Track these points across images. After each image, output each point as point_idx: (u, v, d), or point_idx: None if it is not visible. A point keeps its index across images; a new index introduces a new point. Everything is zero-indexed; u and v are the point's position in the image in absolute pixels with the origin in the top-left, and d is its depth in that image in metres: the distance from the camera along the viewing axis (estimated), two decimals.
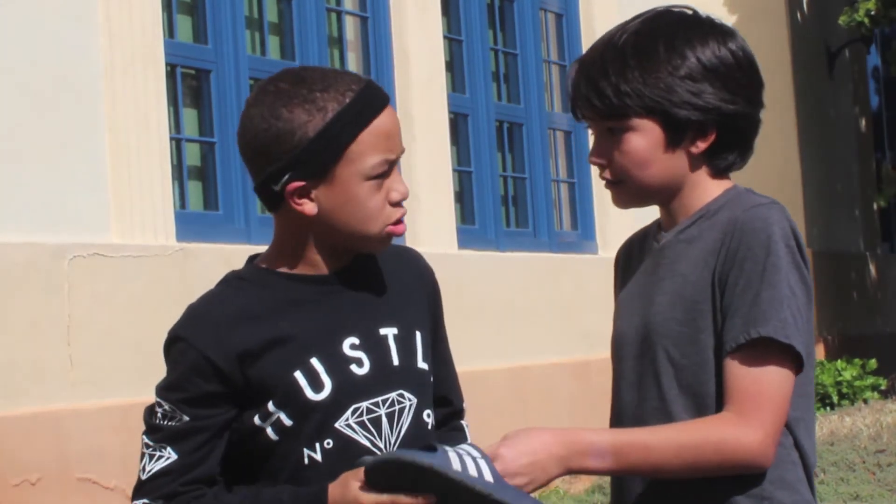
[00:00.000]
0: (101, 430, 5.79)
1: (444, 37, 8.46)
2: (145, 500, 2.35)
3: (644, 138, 2.48)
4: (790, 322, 2.38)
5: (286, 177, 2.32)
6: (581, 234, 9.55)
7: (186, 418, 2.35)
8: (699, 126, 2.47)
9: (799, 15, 11.93)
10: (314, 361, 2.35)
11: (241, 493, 2.35)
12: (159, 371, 2.44)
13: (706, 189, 2.52)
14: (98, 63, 6.12)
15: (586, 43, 9.70)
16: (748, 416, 2.37)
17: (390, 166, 2.37)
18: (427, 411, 2.43)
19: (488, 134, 8.77)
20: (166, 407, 2.36)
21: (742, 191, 2.53)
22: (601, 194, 9.63)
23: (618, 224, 9.55)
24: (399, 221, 2.39)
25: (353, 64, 7.98)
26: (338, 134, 2.31)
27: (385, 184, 2.36)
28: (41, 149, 5.85)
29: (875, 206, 13.57)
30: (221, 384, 2.34)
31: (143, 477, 2.36)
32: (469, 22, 8.77)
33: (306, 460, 2.35)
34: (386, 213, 2.37)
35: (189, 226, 6.54)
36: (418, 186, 7.93)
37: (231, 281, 2.43)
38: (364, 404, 2.37)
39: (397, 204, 2.38)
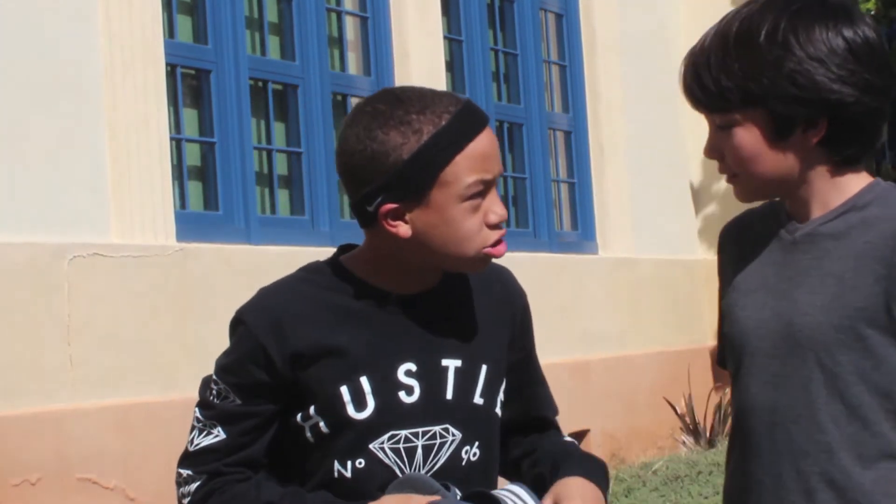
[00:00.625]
0: (102, 430, 5.78)
1: (444, 37, 8.46)
2: (189, 472, 2.37)
3: (750, 133, 2.39)
4: None
5: (380, 198, 2.31)
6: (581, 235, 9.54)
7: (238, 402, 2.35)
8: (807, 119, 2.36)
9: None
10: (363, 380, 2.35)
11: (284, 489, 2.35)
12: (159, 371, 2.45)
13: (843, 181, 2.42)
14: (98, 63, 6.11)
15: (586, 43, 9.70)
16: None
17: (486, 187, 2.33)
18: (467, 448, 2.40)
19: None
20: (221, 386, 2.37)
21: (890, 186, 2.44)
22: (601, 194, 9.62)
23: (618, 224, 9.55)
24: (498, 242, 2.36)
25: (353, 64, 7.98)
26: (433, 157, 2.29)
27: (482, 205, 2.33)
28: (41, 149, 5.84)
29: None
30: (272, 377, 2.34)
31: (191, 449, 2.39)
32: (469, 22, 8.76)
33: (336, 473, 2.35)
34: (483, 234, 2.34)
35: (189, 226, 6.54)
36: None
37: (311, 273, 2.43)
38: (403, 432, 2.36)
39: (495, 226, 2.35)
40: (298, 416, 2.36)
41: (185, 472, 2.39)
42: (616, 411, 8.99)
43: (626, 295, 9.29)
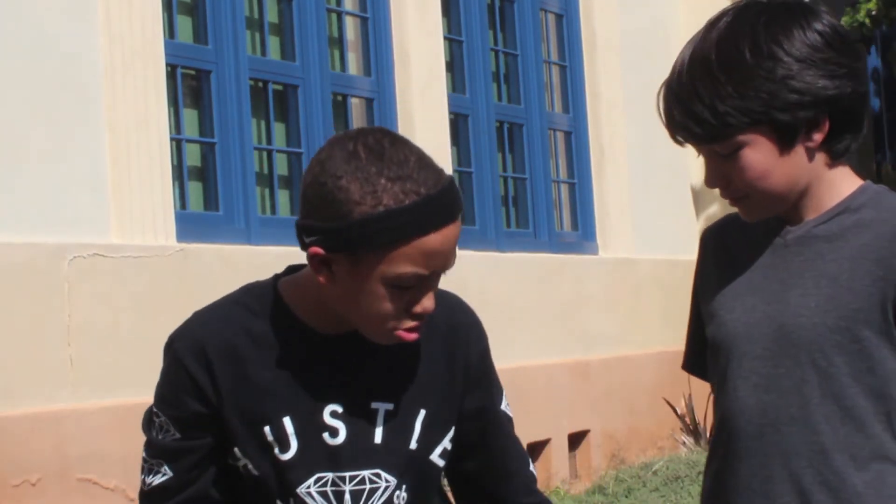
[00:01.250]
0: (102, 430, 5.78)
1: (445, 37, 8.46)
2: None
3: (758, 151, 2.35)
4: None
5: (314, 238, 2.19)
6: (581, 235, 9.54)
7: (178, 435, 2.32)
8: (811, 120, 2.35)
9: None
10: (286, 420, 2.28)
11: None
12: (159, 371, 2.44)
13: (837, 182, 2.42)
14: (98, 63, 6.11)
15: (586, 43, 9.70)
16: None
17: (421, 280, 2.20)
18: (398, 492, 2.31)
19: (488, 134, 8.76)
20: (162, 419, 2.35)
21: (881, 189, 2.44)
22: (601, 195, 9.62)
23: (618, 225, 9.55)
24: (413, 330, 2.24)
25: (354, 64, 7.98)
26: (378, 233, 2.15)
27: (409, 293, 2.20)
28: (41, 149, 5.84)
29: None
30: (207, 406, 2.30)
31: (145, 489, 2.38)
32: (469, 22, 8.76)
33: None
34: (399, 319, 2.22)
35: (189, 226, 6.54)
36: None
37: (247, 297, 2.35)
38: (330, 475, 2.29)
39: (418, 315, 2.23)
40: (228, 458, 2.33)
41: None
42: (616, 411, 8.99)
43: (626, 295, 9.29)
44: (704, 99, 2.32)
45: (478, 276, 7.97)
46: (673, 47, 9.93)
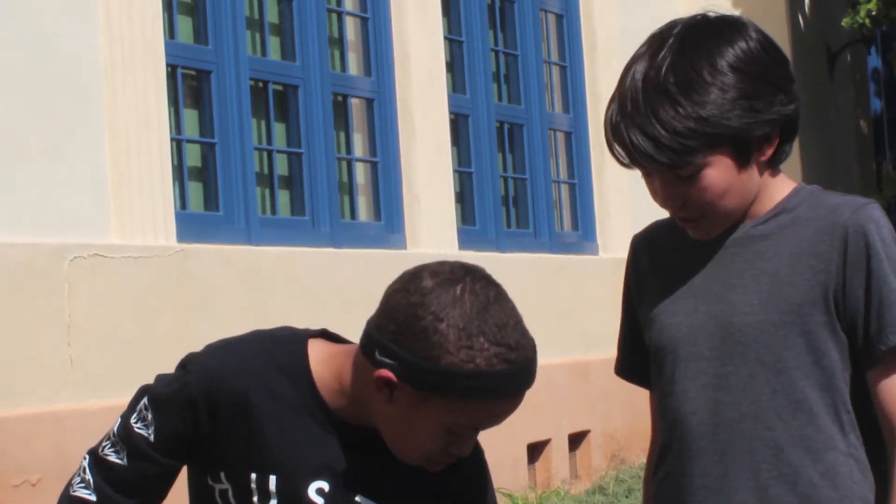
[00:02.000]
0: (102, 430, 5.74)
1: (445, 37, 8.46)
2: (89, 474, 2.49)
3: (718, 170, 2.36)
4: None
5: (390, 362, 2.20)
6: (582, 235, 9.54)
7: (151, 438, 2.34)
8: (765, 135, 2.38)
9: (799, 16, 11.93)
10: (272, 478, 2.30)
11: None
12: (159, 371, 2.44)
13: (774, 187, 2.45)
14: (98, 63, 6.11)
15: (587, 43, 9.70)
16: None
17: (473, 431, 2.26)
18: None
19: (489, 134, 8.76)
20: (148, 415, 2.35)
21: (815, 189, 2.47)
22: (602, 195, 9.62)
23: (618, 225, 9.55)
24: (443, 466, 2.29)
25: (354, 64, 7.98)
26: (459, 386, 2.18)
27: (456, 436, 2.25)
28: (41, 149, 5.84)
29: None
30: (193, 433, 2.32)
31: (99, 452, 2.44)
32: (469, 22, 8.76)
33: None
34: (436, 454, 2.27)
35: (189, 226, 6.54)
36: (418, 187, 7.93)
37: (277, 348, 2.34)
38: None
39: (452, 457, 2.27)
40: (209, 478, 2.34)
41: (85, 465, 2.48)
42: (616, 411, 8.98)
43: None
44: (668, 125, 2.31)
45: None
46: None
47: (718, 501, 2.42)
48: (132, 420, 2.37)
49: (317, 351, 2.34)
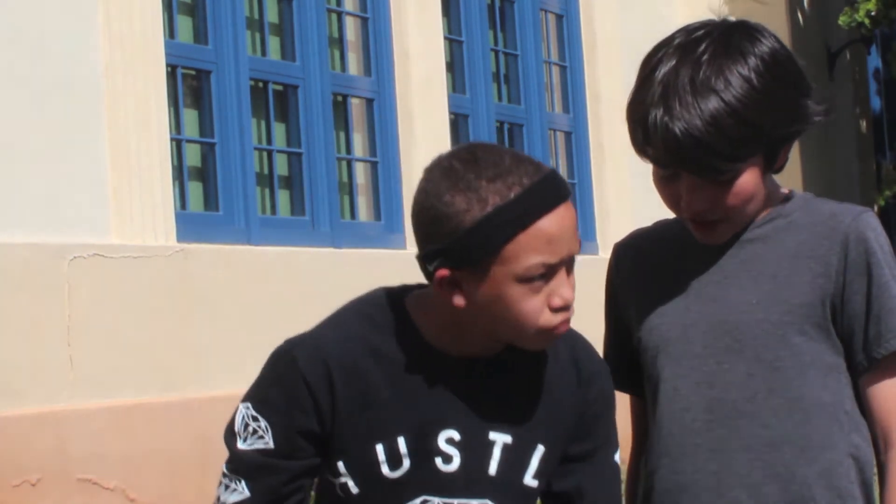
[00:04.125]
0: (102, 430, 5.78)
1: (445, 37, 8.46)
2: None
3: (751, 175, 2.36)
4: None
5: (437, 261, 2.16)
6: (581, 235, 9.50)
7: (271, 446, 2.24)
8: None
9: (799, 15, 11.93)
10: (400, 440, 2.23)
11: None
12: (159, 372, 2.44)
13: (770, 193, 2.45)
14: (98, 63, 6.11)
15: (587, 43, 9.70)
16: None
17: (551, 269, 2.19)
18: None
19: (489, 135, 8.76)
20: (261, 423, 2.25)
21: (808, 196, 2.48)
22: (601, 195, 9.62)
23: (618, 225, 9.55)
24: (563, 324, 2.23)
25: (354, 64, 7.98)
26: (493, 231, 2.14)
27: (547, 286, 2.20)
28: (41, 149, 5.84)
29: (875, 207, 13.57)
30: (318, 424, 2.24)
31: None
32: (469, 22, 8.76)
33: None
34: (544, 316, 2.21)
35: (189, 226, 6.54)
36: None
37: (371, 310, 2.30)
38: (436, 500, 2.23)
39: (560, 309, 2.22)
40: (328, 474, 2.26)
41: None
42: (616, 411, 8.97)
43: None
44: (721, 130, 2.29)
45: None
46: None
47: (711, 498, 2.42)
48: (237, 446, 2.26)
49: (414, 301, 2.29)
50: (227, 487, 2.27)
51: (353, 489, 2.25)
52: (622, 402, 2.51)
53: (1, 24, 5.75)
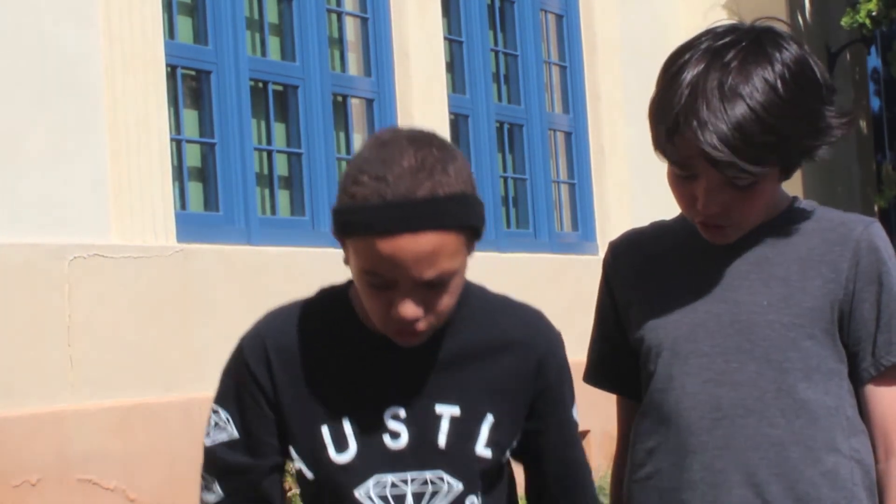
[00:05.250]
0: (102, 430, 5.78)
1: (445, 37, 8.46)
2: None
3: (769, 181, 2.39)
4: None
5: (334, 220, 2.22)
6: (581, 236, 9.54)
7: (236, 435, 2.29)
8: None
9: (799, 15, 11.93)
10: (345, 422, 2.25)
11: None
12: (160, 372, 2.45)
13: (778, 196, 2.48)
14: (98, 63, 6.11)
15: (587, 44, 9.69)
16: None
17: (387, 283, 2.16)
18: (472, 498, 2.27)
19: (488, 135, 8.76)
20: (221, 415, 2.31)
21: (813, 203, 2.51)
22: (601, 195, 9.62)
23: (618, 225, 9.54)
24: (404, 332, 2.20)
25: (354, 64, 7.98)
26: (340, 223, 2.18)
27: (391, 294, 2.17)
28: (41, 149, 5.84)
29: (875, 208, 13.56)
30: (267, 404, 2.28)
31: None
32: (469, 23, 8.76)
33: None
34: (384, 320, 2.20)
35: (189, 226, 6.54)
36: None
37: (318, 299, 2.33)
38: (389, 477, 2.25)
39: (397, 321, 2.18)
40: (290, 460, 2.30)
41: None
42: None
43: None
44: (748, 136, 2.30)
45: (478, 277, 7.95)
46: (673, 47, 9.91)
47: (717, 496, 2.42)
48: (208, 444, 2.33)
49: (354, 290, 2.31)
50: (205, 488, 2.33)
51: (308, 474, 2.28)
52: (607, 401, 2.51)
53: (1, 25, 5.75)
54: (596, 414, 8.88)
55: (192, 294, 6.31)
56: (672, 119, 2.35)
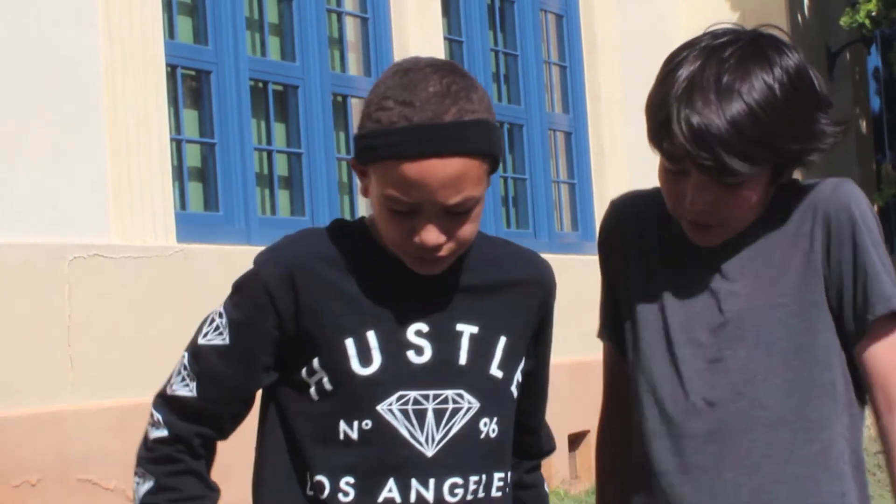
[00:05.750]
0: (102, 431, 5.78)
1: (445, 37, 8.46)
2: (160, 416, 2.38)
3: (759, 184, 2.40)
4: None
5: (356, 147, 2.26)
6: (581, 235, 9.54)
7: (227, 342, 2.31)
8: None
9: (799, 15, 11.93)
10: (370, 335, 2.27)
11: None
12: (160, 372, 2.45)
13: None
14: (98, 63, 6.11)
15: (587, 44, 9.69)
16: None
17: (411, 208, 2.19)
18: (486, 420, 2.31)
19: None
20: (222, 320, 2.34)
21: (786, 196, 2.50)
22: (601, 195, 9.62)
23: None
24: (424, 260, 2.24)
25: (353, 64, 7.98)
26: (366, 148, 2.22)
27: (413, 221, 2.21)
28: (41, 149, 5.84)
29: (875, 207, 13.57)
30: (277, 328, 2.29)
31: (167, 392, 2.39)
32: (469, 23, 8.76)
33: (341, 435, 2.27)
34: (405, 246, 2.24)
35: (189, 227, 6.54)
36: None
37: (332, 227, 2.37)
38: (412, 393, 2.26)
39: (420, 248, 2.22)
40: (303, 372, 2.28)
41: (156, 415, 2.39)
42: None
43: None
44: (744, 134, 2.31)
45: None
46: (673, 48, 9.91)
47: (711, 479, 2.43)
48: (198, 341, 2.36)
49: (370, 219, 2.36)
50: (181, 379, 2.36)
51: (328, 386, 2.27)
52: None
53: (1, 25, 5.75)
54: (596, 414, 8.89)
55: (192, 294, 6.31)
56: (667, 111, 2.37)
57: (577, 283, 9.22)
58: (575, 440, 8.85)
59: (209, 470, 2.38)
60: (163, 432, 2.36)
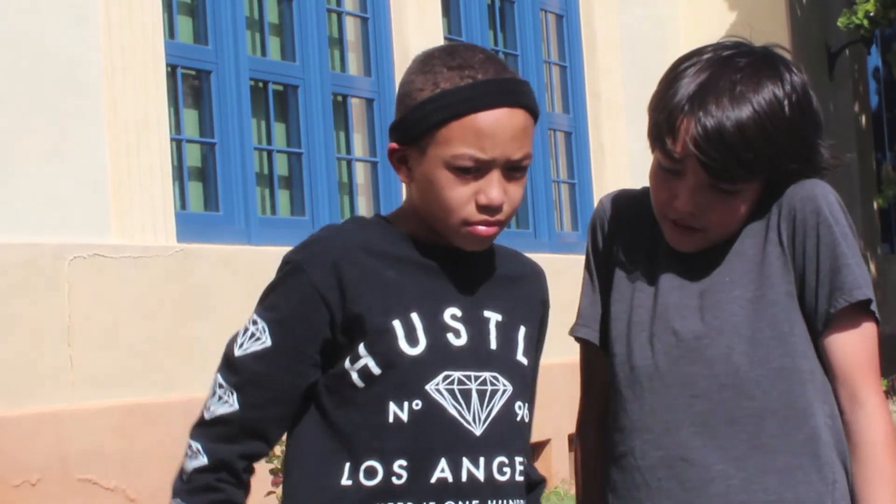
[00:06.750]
0: (102, 430, 5.78)
1: (445, 37, 8.46)
2: (199, 445, 2.30)
3: (752, 193, 2.45)
4: (867, 279, 2.45)
5: (393, 135, 2.33)
6: (581, 236, 9.54)
7: (269, 344, 2.28)
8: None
9: (799, 14, 11.93)
10: (414, 316, 2.30)
11: None
12: (159, 372, 2.44)
13: None
14: (98, 63, 6.11)
15: (587, 43, 9.69)
16: (862, 395, 2.45)
17: (481, 165, 2.28)
18: (520, 403, 2.36)
19: None
20: (259, 325, 2.30)
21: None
22: (601, 195, 9.60)
23: None
24: (484, 224, 2.30)
25: (353, 64, 7.98)
26: (432, 112, 2.27)
27: (477, 183, 2.28)
28: (41, 149, 5.84)
29: (875, 207, 13.56)
30: (327, 324, 2.28)
31: (206, 417, 2.32)
32: (469, 22, 8.76)
33: (391, 417, 2.27)
34: (467, 210, 2.29)
35: (189, 226, 6.54)
36: None
37: (356, 220, 2.42)
38: (456, 374, 2.30)
39: (484, 208, 2.29)
40: (347, 361, 2.28)
41: (194, 445, 2.31)
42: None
43: None
44: (752, 142, 2.36)
45: None
46: (673, 48, 9.93)
47: (699, 472, 2.44)
48: (233, 353, 2.32)
49: (390, 214, 2.44)
50: (219, 399, 2.31)
51: (375, 369, 2.28)
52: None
53: (1, 24, 5.75)
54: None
55: (192, 294, 6.31)
56: (677, 111, 2.40)
57: (577, 283, 9.22)
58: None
59: (246, 498, 2.34)
60: (202, 461, 2.29)
